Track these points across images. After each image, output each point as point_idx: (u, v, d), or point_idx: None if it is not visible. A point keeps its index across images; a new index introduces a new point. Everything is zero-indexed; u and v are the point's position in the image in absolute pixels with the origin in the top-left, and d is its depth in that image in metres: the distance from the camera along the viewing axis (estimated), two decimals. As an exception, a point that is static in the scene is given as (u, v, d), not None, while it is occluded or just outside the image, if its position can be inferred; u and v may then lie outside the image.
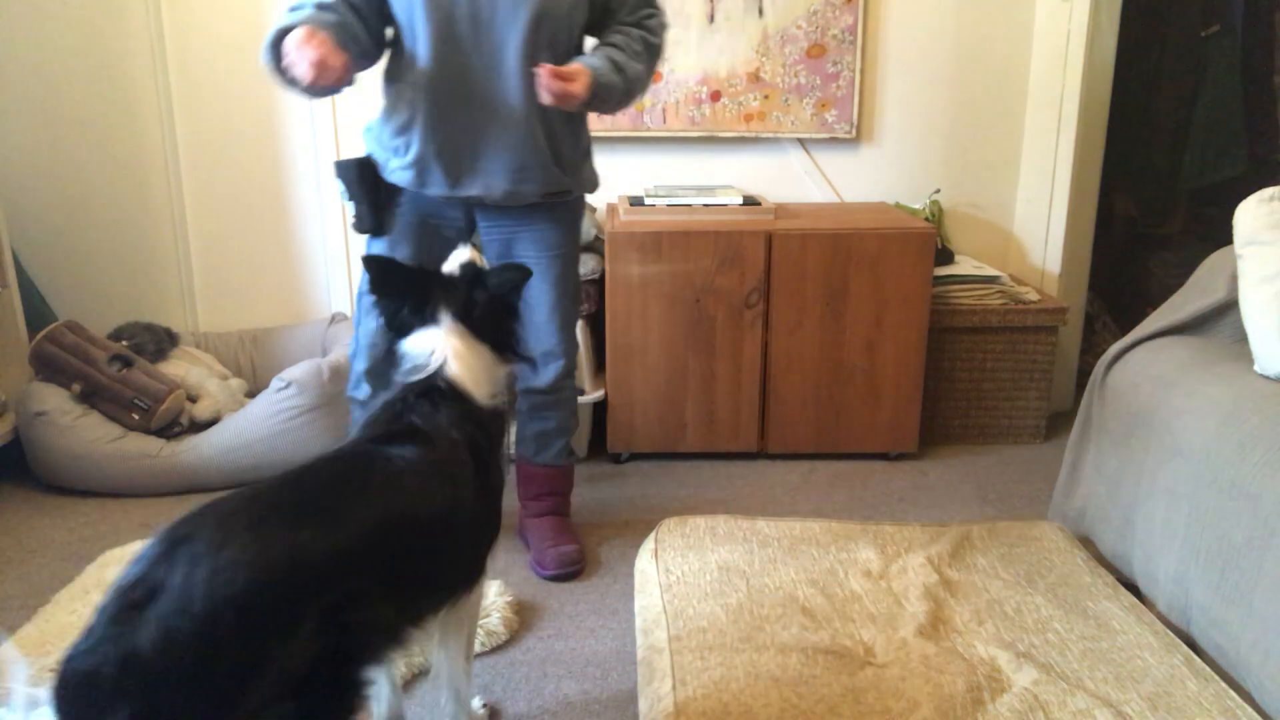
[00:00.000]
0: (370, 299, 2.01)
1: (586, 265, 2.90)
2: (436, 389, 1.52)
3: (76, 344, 2.76)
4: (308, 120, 3.17)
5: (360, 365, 2.22)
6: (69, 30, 3.05)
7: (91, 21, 3.06)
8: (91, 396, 2.74)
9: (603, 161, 3.24)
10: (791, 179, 3.29)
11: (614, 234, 2.76)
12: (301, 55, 1.74)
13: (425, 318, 1.58)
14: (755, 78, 3.15)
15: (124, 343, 2.91)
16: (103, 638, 1.05)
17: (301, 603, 1.15)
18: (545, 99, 1.88)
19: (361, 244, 3.20)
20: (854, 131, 3.20)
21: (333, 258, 3.28)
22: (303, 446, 2.78)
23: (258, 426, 2.74)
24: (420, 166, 2.03)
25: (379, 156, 2.10)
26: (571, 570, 2.29)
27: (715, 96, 3.17)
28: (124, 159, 3.17)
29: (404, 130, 2.02)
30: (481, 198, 2.08)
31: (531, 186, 2.07)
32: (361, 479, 1.34)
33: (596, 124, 3.17)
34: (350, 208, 2.14)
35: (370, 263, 1.62)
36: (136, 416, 2.76)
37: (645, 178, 3.26)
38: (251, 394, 3.05)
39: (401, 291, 1.60)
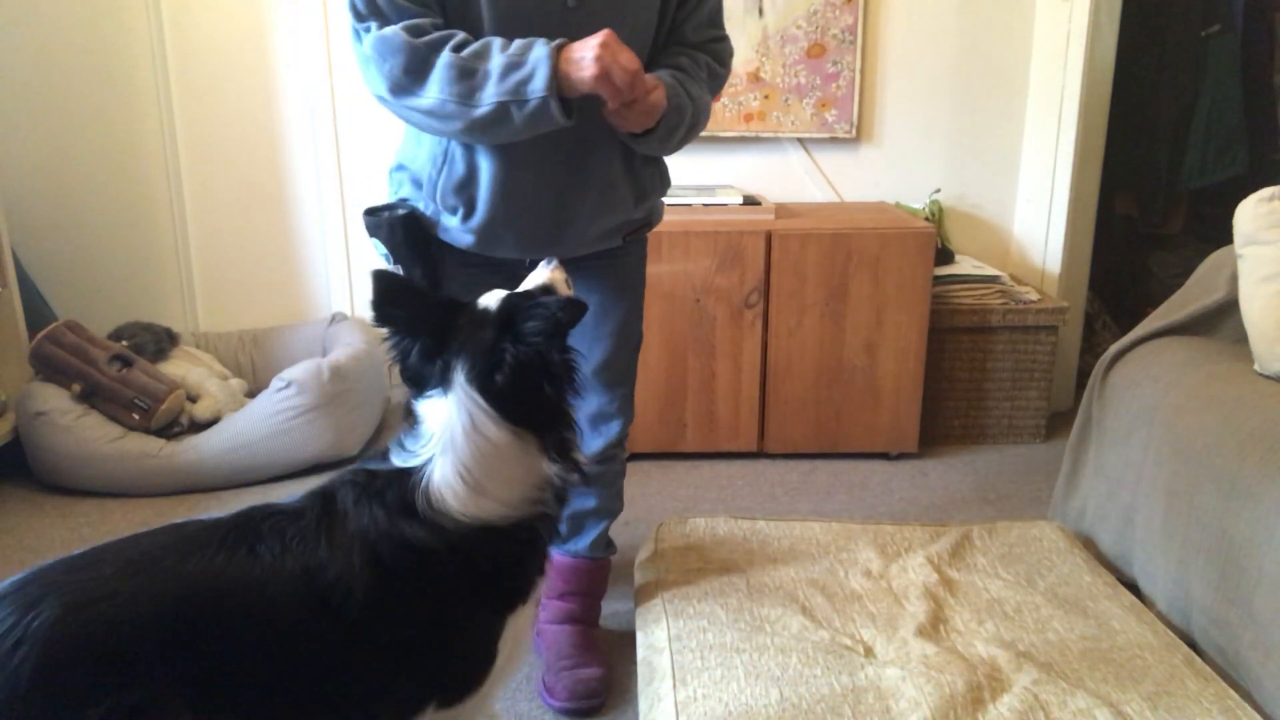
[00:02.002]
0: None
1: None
2: (397, 497, 1.15)
3: (76, 344, 2.76)
4: (308, 120, 3.17)
5: None
6: (69, 30, 3.05)
7: (91, 21, 3.06)
8: (91, 396, 2.74)
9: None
10: (791, 179, 3.29)
11: (614, 234, 2.76)
12: (621, 60, 1.38)
13: (438, 372, 1.18)
14: (755, 78, 3.15)
15: (124, 343, 2.91)
16: None
17: (86, 704, 0.99)
18: (620, 123, 1.50)
19: (362, 241, 3.23)
20: (854, 131, 3.20)
21: (333, 258, 3.28)
22: (303, 446, 2.78)
23: (258, 426, 2.74)
24: (487, 232, 1.62)
25: (428, 210, 1.65)
26: (588, 704, 1.82)
27: (715, 96, 3.16)
28: (124, 159, 3.17)
29: (463, 188, 1.60)
30: (560, 256, 1.58)
31: (614, 240, 1.74)
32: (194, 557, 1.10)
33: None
34: (396, 270, 1.66)
35: (378, 278, 1.22)
36: (136, 416, 2.76)
37: (645, 178, 3.25)
38: (251, 394, 3.05)
39: (413, 323, 1.21)
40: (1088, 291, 3.42)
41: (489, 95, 1.40)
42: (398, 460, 1.18)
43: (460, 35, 1.45)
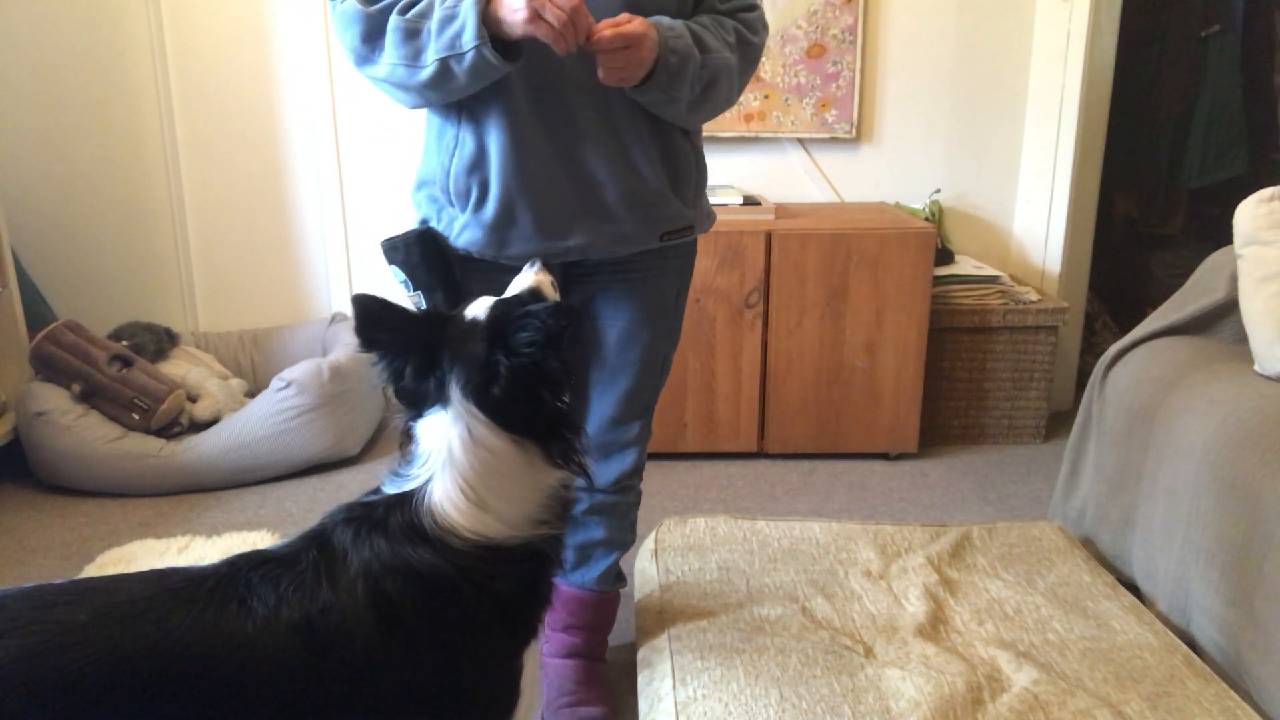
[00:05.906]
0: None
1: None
2: (399, 522, 1.09)
3: (76, 344, 2.76)
4: (308, 120, 3.17)
5: None
6: (69, 30, 3.05)
7: (91, 21, 3.06)
8: (91, 396, 2.74)
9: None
10: (791, 179, 3.29)
11: (614, 234, 2.76)
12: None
13: (432, 389, 1.13)
14: (755, 78, 3.14)
15: (124, 343, 2.91)
16: None
17: None
18: (604, 73, 1.37)
19: (362, 241, 3.23)
20: (854, 131, 3.20)
21: (333, 257, 3.28)
22: (303, 446, 2.78)
23: (258, 426, 2.74)
24: (502, 216, 1.49)
25: (440, 218, 1.55)
26: None
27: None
28: (124, 159, 3.17)
29: (475, 167, 1.48)
30: (583, 249, 1.52)
31: (647, 227, 1.55)
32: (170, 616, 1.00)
33: (596, 124, 3.17)
34: (417, 299, 1.53)
35: (357, 301, 1.15)
36: (136, 416, 2.76)
37: (645, 178, 3.25)
38: (251, 394, 3.05)
39: (400, 342, 1.16)
40: (1088, 291, 3.42)
41: (431, 54, 1.35)
42: (392, 489, 1.13)
43: None
